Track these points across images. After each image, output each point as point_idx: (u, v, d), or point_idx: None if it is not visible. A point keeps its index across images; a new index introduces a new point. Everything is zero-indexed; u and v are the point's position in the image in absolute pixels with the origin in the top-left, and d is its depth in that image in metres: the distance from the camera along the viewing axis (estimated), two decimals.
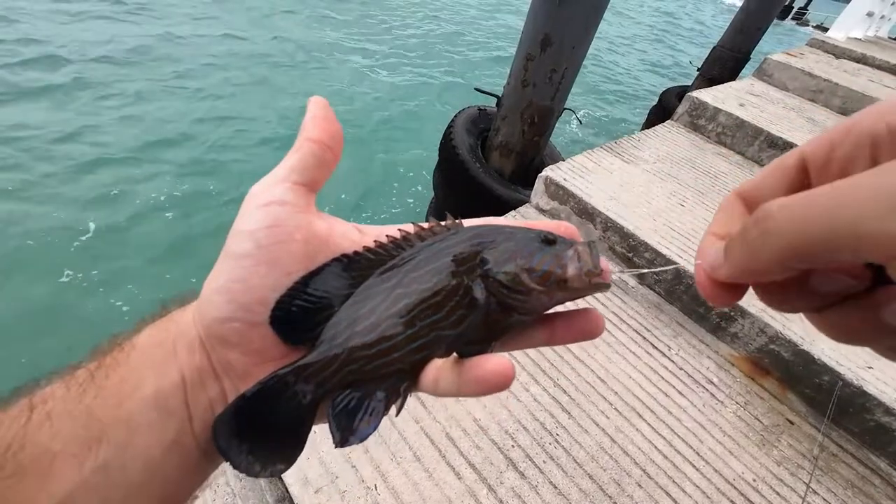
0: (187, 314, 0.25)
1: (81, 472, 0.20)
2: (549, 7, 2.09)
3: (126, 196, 3.64)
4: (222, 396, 0.24)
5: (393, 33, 8.32)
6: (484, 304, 0.23)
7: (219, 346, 0.24)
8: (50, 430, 0.20)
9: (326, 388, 0.24)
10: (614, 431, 1.03)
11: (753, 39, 5.32)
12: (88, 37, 5.50)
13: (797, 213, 0.16)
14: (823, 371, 1.15)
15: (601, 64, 9.90)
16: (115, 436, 0.21)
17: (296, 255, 0.24)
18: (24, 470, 0.19)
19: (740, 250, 0.18)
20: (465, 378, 0.22)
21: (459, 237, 0.26)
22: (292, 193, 0.24)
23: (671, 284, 1.41)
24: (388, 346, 0.24)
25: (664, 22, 19.17)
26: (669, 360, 1.24)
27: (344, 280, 0.25)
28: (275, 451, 0.24)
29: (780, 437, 1.11)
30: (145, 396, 0.22)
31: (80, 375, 0.22)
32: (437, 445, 0.93)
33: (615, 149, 2.01)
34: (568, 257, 0.23)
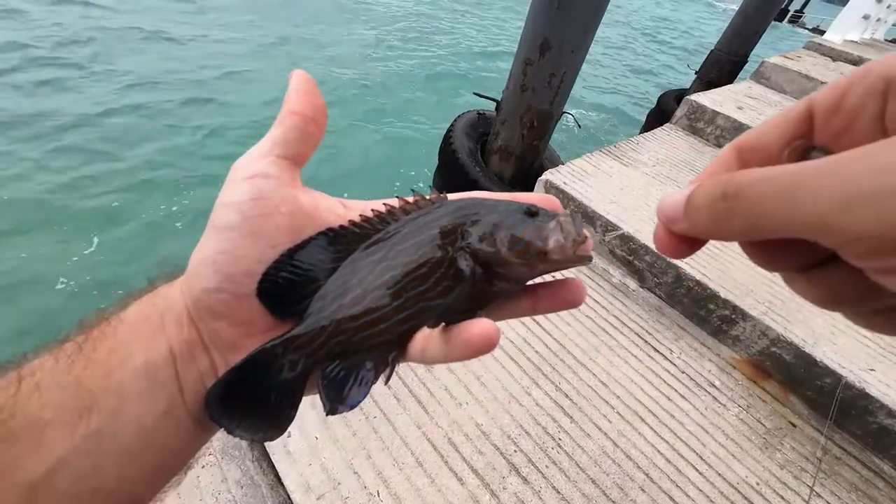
0: (174, 288, 0.25)
1: (73, 439, 0.20)
2: (548, 11, 2.11)
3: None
4: (212, 368, 0.24)
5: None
6: (469, 275, 0.24)
7: (207, 318, 0.24)
8: (39, 400, 0.20)
9: (315, 359, 0.24)
10: (617, 435, 1.03)
11: (751, 42, 5.35)
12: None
13: (765, 193, 0.16)
14: (825, 373, 1.15)
15: (600, 67, 9.95)
16: (106, 405, 0.21)
17: (281, 229, 0.24)
18: (16, 436, 0.19)
19: (706, 215, 0.18)
20: (453, 343, 0.22)
21: (444, 210, 0.26)
22: (276, 167, 0.24)
23: (672, 287, 1.41)
24: (375, 317, 0.24)
25: (661, 26, 19.29)
26: (671, 363, 1.24)
27: (329, 253, 0.25)
28: (266, 420, 0.24)
29: (782, 440, 1.11)
30: (135, 367, 0.22)
31: (67, 348, 0.22)
32: (440, 451, 0.93)
33: (614, 152, 2.01)
34: (549, 229, 0.23)
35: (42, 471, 0.19)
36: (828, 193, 0.14)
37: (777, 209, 0.16)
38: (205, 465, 0.89)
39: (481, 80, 7.43)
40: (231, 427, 0.23)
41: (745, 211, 0.17)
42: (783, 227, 0.16)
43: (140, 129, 4.39)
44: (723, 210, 0.17)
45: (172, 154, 4.22)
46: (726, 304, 1.30)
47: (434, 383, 1.05)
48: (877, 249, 0.14)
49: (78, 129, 4.13)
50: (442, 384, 1.05)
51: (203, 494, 0.85)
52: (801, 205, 0.15)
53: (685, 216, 0.20)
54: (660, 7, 24.85)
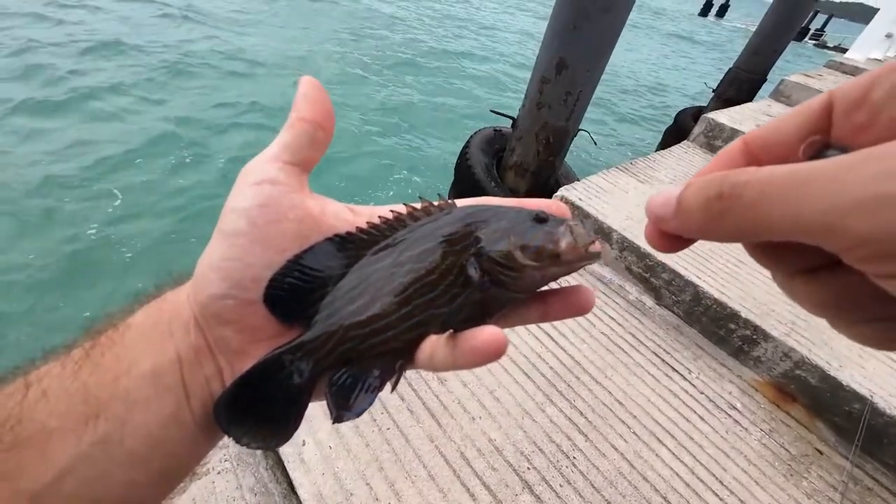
0: (181, 294, 0.25)
1: (80, 446, 0.20)
2: (564, 32, 2.15)
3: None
4: (218, 374, 0.24)
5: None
6: (478, 282, 0.24)
7: (214, 324, 0.24)
8: (46, 407, 0.20)
9: (323, 366, 0.24)
10: (633, 456, 1.01)
11: (769, 61, 5.31)
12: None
13: (763, 193, 0.15)
14: (853, 398, 1.11)
15: (616, 85, 9.99)
16: (113, 411, 0.21)
17: (289, 235, 0.24)
18: (23, 443, 0.19)
19: (698, 216, 0.18)
20: (460, 350, 0.22)
21: (452, 217, 0.26)
22: (284, 173, 0.24)
23: (690, 306, 1.38)
24: (382, 324, 0.24)
25: (679, 43, 19.31)
26: (690, 383, 1.21)
27: (337, 260, 0.25)
28: (273, 428, 0.24)
29: (808, 467, 1.07)
30: (142, 373, 0.22)
31: (75, 354, 0.22)
32: (452, 465, 0.92)
33: (630, 169, 2.01)
34: (560, 233, 0.23)
35: (48, 478, 0.19)
36: (833, 196, 0.13)
37: (776, 211, 0.15)
38: (220, 472, 0.90)
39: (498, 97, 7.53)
40: (238, 436, 0.24)
41: (741, 212, 0.16)
42: (782, 230, 0.15)
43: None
44: (717, 210, 0.17)
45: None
46: (747, 324, 1.27)
47: (447, 396, 1.05)
48: (886, 253, 0.13)
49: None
50: (455, 398, 1.05)
51: (218, 500, 0.86)
52: (804, 207, 0.14)
53: (675, 215, 0.19)
54: (676, 23, 24.88)
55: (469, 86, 7.79)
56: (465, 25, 12.44)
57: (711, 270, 1.44)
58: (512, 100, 7.08)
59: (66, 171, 3.62)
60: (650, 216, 0.21)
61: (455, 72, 8.30)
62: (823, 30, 42.52)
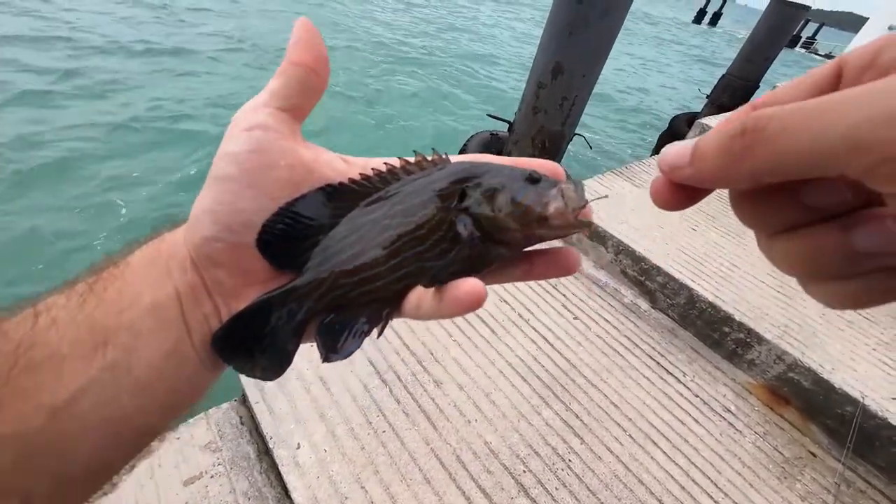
0: (177, 235, 0.25)
1: (90, 371, 0.21)
2: (561, 38, 2.17)
3: None
4: (216, 312, 0.25)
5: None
6: (467, 238, 0.24)
7: (209, 265, 0.24)
8: (57, 334, 0.21)
9: (313, 310, 0.25)
10: (629, 459, 1.01)
11: (762, 68, 5.39)
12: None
13: (789, 122, 0.15)
14: (846, 401, 1.12)
15: (612, 89, 10.08)
16: (119, 340, 0.22)
17: (280, 181, 0.24)
18: (39, 366, 0.20)
19: (716, 157, 0.18)
20: (444, 301, 0.22)
21: (445, 172, 0.26)
22: (275, 119, 0.24)
23: (685, 309, 1.39)
24: (371, 274, 0.25)
25: (673, 50, 19.54)
26: (685, 386, 1.21)
27: (329, 209, 0.26)
28: (267, 362, 0.25)
29: (802, 470, 1.07)
30: (144, 306, 0.23)
31: (79, 288, 0.23)
32: (448, 468, 0.92)
33: (626, 173, 2.03)
34: (551, 196, 0.23)
35: (64, 396, 0.20)
36: (862, 110, 0.13)
37: (802, 138, 0.15)
38: (214, 476, 0.89)
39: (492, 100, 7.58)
40: (236, 365, 0.25)
41: (764, 146, 0.16)
42: (807, 159, 0.15)
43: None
44: (738, 148, 0.16)
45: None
46: (741, 327, 1.28)
47: (443, 399, 1.04)
48: None
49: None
50: (451, 401, 1.04)
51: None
52: (830, 127, 0.14)
53: (691, 161, 0.19)
54: (671, 31, 25.17)
55: (466, 89, 7.83)
56: (467, 28, 12.52)
57: (705, 274, 1.45)
58: (509, 103, 7.12)
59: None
60: (662, 167, 0.20)
61: (453, 75, 8.34)
62: (815, 38, 43.19)
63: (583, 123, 2.62)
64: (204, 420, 0.98)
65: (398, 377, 1.07)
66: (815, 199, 0.17)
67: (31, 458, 0.20)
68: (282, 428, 0.93)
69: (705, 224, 1.77)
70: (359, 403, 1.00)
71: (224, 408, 1.02)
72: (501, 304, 1.35)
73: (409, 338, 1.18)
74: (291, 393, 1.00)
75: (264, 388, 1.00)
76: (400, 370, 1.09)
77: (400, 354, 1.13)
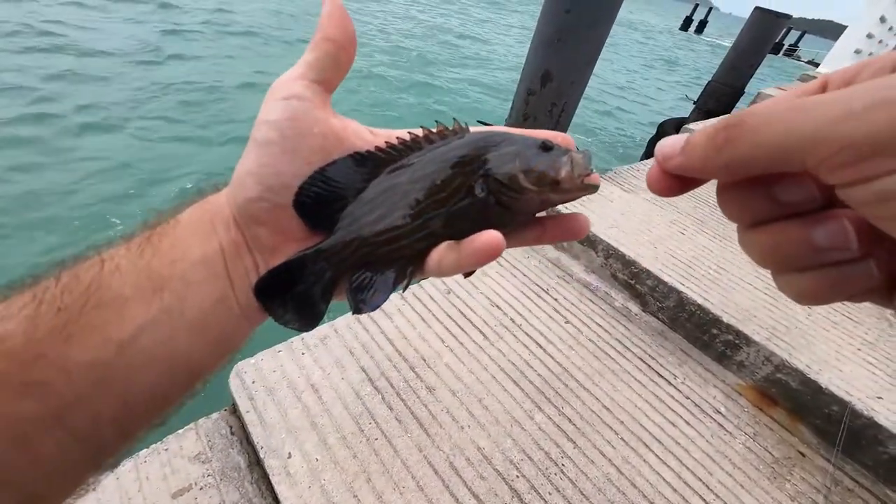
0: (221, 196, 0.28)
1: (150, 312, 0.24)
2: (549, 45, 2.20)
3: None
4: (255, 267, 0.27)
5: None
6: (482, 198, 0.26)
7: (250, 223, 0.27)
8: (120, 278, 0.23)
9: (343, 267, 0.28)
10: (621, 462, 1.01)
11: (746, 75, 5.51)
12: None
13: (766, 117, 0.17)
14: (832, 401, 1.13)
15: (601, 96, 10.22)
16: (173, 287, 0.24)
17: (314, 148, 0.26)
18: (106, 304, 0.23)
19: (703, 148, 0.20)
20: (463, 253, 0.24)
21: (465, 141, 0.28)
22: (310, 90, 0.26)
23: (674, 312, 1.41)
24: (396, 234, 0.27)
25: (661, 57, 19.89)
26: (675, 388, 1.23)
27: (358, 175, 0.28)
28: (301, 313, 0.28)
29: (791, 469, 1.09)
30: (194, 259, 0.25)
31: (137, 240, 0.25)
32: (441, 475, 0.91)
33: (615, 178, 2.06)
34: (562, 162, 0.25)
35: (129, 332, 0.23)
36: (826, 109, 0.15)
37: (776, 132, 0.17)
38: (203, 487, 0.88)
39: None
40: (274, 313, 0.27)
41: (744, 138, 0.18)
42: (778, 149, 0.17)
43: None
44: (721, 139, 0.19)
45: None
46: (729, 329, 1.30)
47: (436, 406, 1.04)
48: (862, 154, 0.15)
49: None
50: (444, 407, 1.04)
51: None
52: (799, 124, 0.16)
53: (681, 151, 0.21)
54: (659, 42, 25.60)
55: (456, 93, 7.88)
56: (459, 35, 12.63)
57: (694, 277, 1.47)
58: (499, 109, 7.18)
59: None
60: (658, 156, 0.23)
61: (443, 80, 8.40)
62: (797, 45, 44.31)
63: (571, 129, 2.64)
64: (193, 430, 0.97)
65: (390, 384, 1.07)
66: (786, 195, 0.19)
67: (103, 384, 0.22)
68: (273, 437, 0.92)
69: (694, 228, 1.80)
70: (351, 411, 1.00)
71: (214, 417, 1.00)
72: (493, 310, 1.35)
73: (401, 344, 1.17)
74: (282, 401, 0.99)
75: (254, 396, 0.99)
76: (392, 377, 1.09)
77: (392, 361, 1.12)
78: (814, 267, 0.19)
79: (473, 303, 1.35)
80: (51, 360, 0.21)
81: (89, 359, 0.22)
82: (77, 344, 0.22)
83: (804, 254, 0.19)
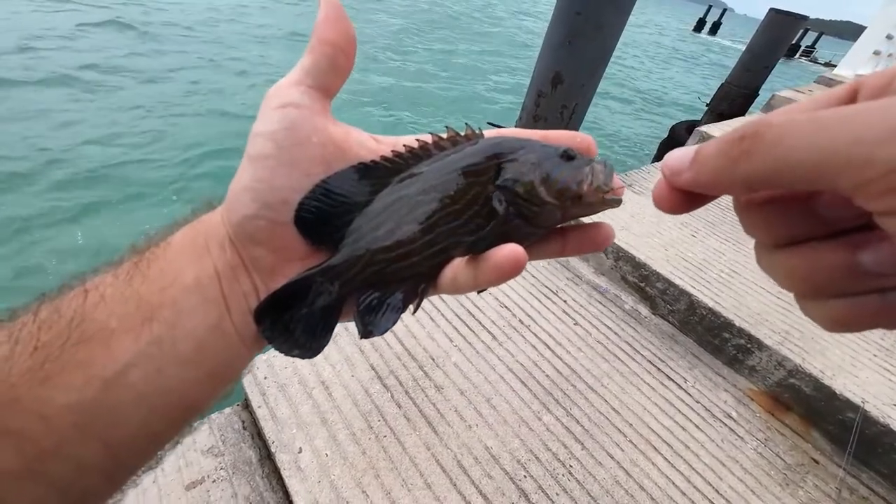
0: (215, 215, 0.26)
1: (138, 344, 0.22)
2: (560, 48, 2.20)
3: None
4: (255, 291, 0.25)
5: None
6: (503, 214, 0.24)
7: (248, 243, 0.25)
8: (105, 309, 0.22)
9: (350, 287, 0.26)
10: (630, 465, 1.01)
11: (761, 77, 5.43)
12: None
13: (789, 130, 0.15)
14: (847, 407, 1.12)
15: (612, 97, 10.15)
16: (164, 316, 0.23)
17: (314, 159, 0.24)
18: (90, 339, 0.21)
19: (716, 161, 0.18)
20: (482, 269, 0.23)
21: (479, 148, 0.26)
22: (308, 97, 0.24)
23: (685, 315, 1.40)
24: (407, 250, 0.25)
25: (675, 58, 19.70)
26: (685, 392, 1.22)
27: (363, 186, 0.26)
28: (304, 340, 0.26)
29: (804, 476, 1.07)
30: (186, 285, 0.24)
31: (125, 266, 0.24)
32: (449, 473, 0.92)
33: (626, 180, 2.05)
34: (584, 174, 0.24)
35: (115, 368, 0.21)
36: (861, 128, 0.13)
37: (799, 147, 0.15)
38: (216, 480, 0.90)
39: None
40: (275, 341, 0.25)
41: (762, 151, 0.16)
42: (801, 169, 0.15)
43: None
44: (736, 153, 0.17)
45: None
46: (741, 333, 1.28)
47: (444, 405, 1.05)
48: None
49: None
50: (452, 406, 1.05)
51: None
52: (828, 141, 0.14)
53: (691, 166, 0.19)
54: (672, 41, 25.32)
55: (466, 96, 7.90)
56: (458, 38, 12.68)
57: (706, 280, 1.46)
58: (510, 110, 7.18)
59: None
60: (664, 171, 0.21)
61: (453, 81, 8.43)
62: (814, 46, 43.54)
63: (582, 130, 2.64)
64: (206, 425, 0.99)
65: (399, 382, 1.08)
66: (833, 211, 0.17)
67: (87, 427, 0.20)
68: (284, 432, 0.94)
69: (705, 230, 1.78)
70: (360, 408, 1.01)
71: (227, 412, 1.02)
72: (502, 310, 1.35)
73: (410, 343, 1.18)
74: (293, 397, 1.01)
75: (266, 392, 1.01)
76: (401, 375, 1.10)
77: (401, 359, 1.14)
78: (853, 293, 0.17)
79: (482, 303, 1.36)
80: (26, 406, 0.19)
81: (71, 401, 0.20)
82: (56, 385, 0.20)
83: (845, 278, 0.17)
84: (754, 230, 0.20)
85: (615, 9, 2.09)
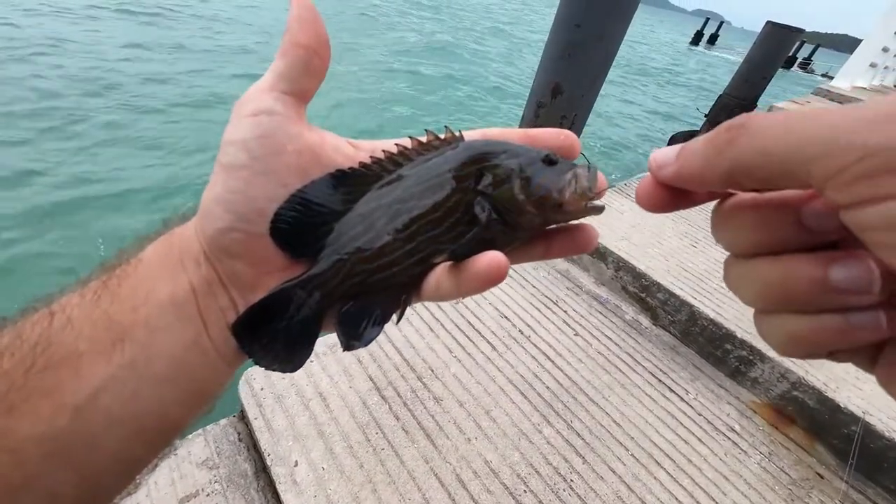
0: (189, 229, 0.25)
1: (109, 367, 0.21)
2: (559, 59, 2.22)
3: None
4: (232, 305, 0.24)
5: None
6: (484, 221, 0.24)
7: (223, 257, 0.24)
8: (72, 332, 0.21)
9: (331, 298, 0.25)
10: (632, 479, 0.99)
11: (758, 88, 5.47)
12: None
13: (772, 121, 0.16)
14: (851, 420, 1.10)
15: (612, 108, 10.23)
16: (137, 336, 0.22)
17: (290, 167, 0.24)
18: (57, 364, 0.20)
19: (701, 152, 0.18)
20: (464, 276, 0.22)
21: (460, 152, 0.25)
22: (281, 103, 0.23)
23: (686, 326, 1.39)
24: (388, 260, 0.24)
25: (673, 69, 19.91)
26: (687, 404, 1.20)
27: (341, 195, 0.25)
28: (285, 353, 0.25)
29: (809, 492, 1.05)
30: (160, 302, 0.23)
31: (92, 286, 0.23)
32: (447, 487, 0.90)
33: (625, 190, 2.05)
34: (566, 181, 0.23)
35: (86, 394, 0.20)
36: (838, 117, 0.14)
37: (780, 136, 0.15)
38: (210, 493, 0.88)
39: None
40: (255, 356, 0.25)
41: (745, 140, 0.16)
42: (782, 156, 0.15)
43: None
44: (721, 143, 0.17)
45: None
46: (743, 345, 1.27)
47: (443, 417, 1.03)
48: (884, 168, 0.13)
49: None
50: (451, 418, 1.03)
51: None
52: (807, 128, 0.15)
53: (676, 158, 0.19)
54: (671, 53, 25.56)
55: (466, 104, 7.96)
56: (457, 46, 12.83)
57: (707, 291, 1.45)
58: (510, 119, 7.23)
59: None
60: (651, 165, 0.21)
61: (451, 90, 8.50)
62: (811, 59, 44.06)
63: (581, 141, 2.65)
64: (202, 436, 0.97)
65: (398, 393, 1.07)
66: (819, 219, 0.17)
67: (59, 457, 0.20)
68: (280, 445, 0.93)
69: (706, 241, 1.78)
70: (357, 420, 0.99)
71: (222, 423, 1.01)
72: (502, 321, 1.34)
73: (409, 354, 1.17)
74: (290, 409, 0.99)
75: (263, 403, 1.00)
76: (400, 386, 1.08)
77: (400, 370, 1.12)
78: (816, 311, 0.17)
79: (482, 313, 1.35)
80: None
81: (39, 431, 0.19)
82: (23, 415, 0.19)
83: (813, 294, 0.17)
84: (733, 236, 0.20)
85: (615, 19, 2.12)
